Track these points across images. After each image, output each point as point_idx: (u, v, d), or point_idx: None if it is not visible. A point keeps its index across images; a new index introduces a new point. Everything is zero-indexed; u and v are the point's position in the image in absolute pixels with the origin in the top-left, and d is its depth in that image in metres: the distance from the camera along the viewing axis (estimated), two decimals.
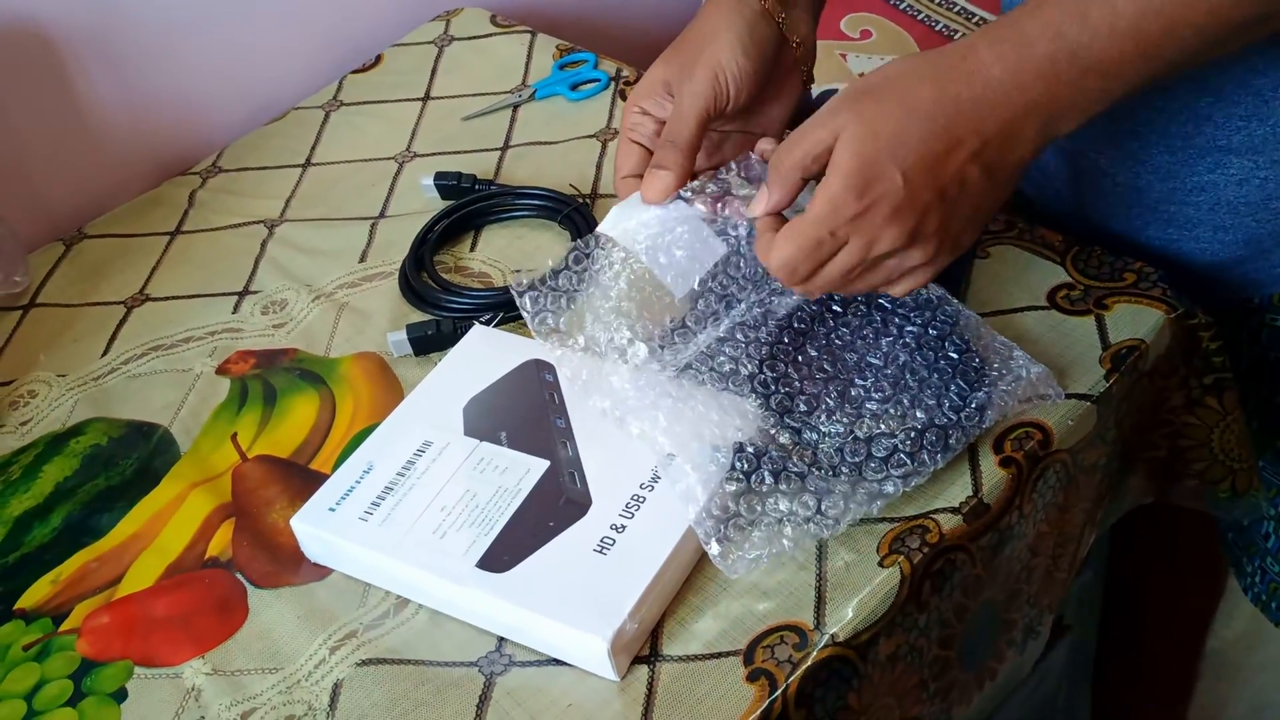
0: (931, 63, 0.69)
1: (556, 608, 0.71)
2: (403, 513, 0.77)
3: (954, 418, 0.76)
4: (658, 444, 0.75)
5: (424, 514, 0.77)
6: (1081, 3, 0.67)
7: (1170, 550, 1.19)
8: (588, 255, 0.79)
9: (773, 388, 0.78)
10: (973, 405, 0.76)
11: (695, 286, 0.79)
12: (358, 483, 0.79)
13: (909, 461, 0.74)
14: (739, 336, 0.81)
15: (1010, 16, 0.69)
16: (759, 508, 0.73)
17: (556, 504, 0.76)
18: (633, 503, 0.75)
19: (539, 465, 0.78)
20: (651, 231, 0.77)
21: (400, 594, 0.77)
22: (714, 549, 0.71)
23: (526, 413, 0.82)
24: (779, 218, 0.73)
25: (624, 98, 1.16)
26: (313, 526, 0.78)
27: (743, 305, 0.81)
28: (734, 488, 0.73)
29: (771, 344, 0.80)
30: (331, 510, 0.78)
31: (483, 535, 0.75)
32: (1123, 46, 0.67)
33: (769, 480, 0.74)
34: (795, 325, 0.82)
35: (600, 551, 0.73)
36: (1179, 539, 1.17)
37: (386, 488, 0.79)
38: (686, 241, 0.77)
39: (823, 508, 0.73)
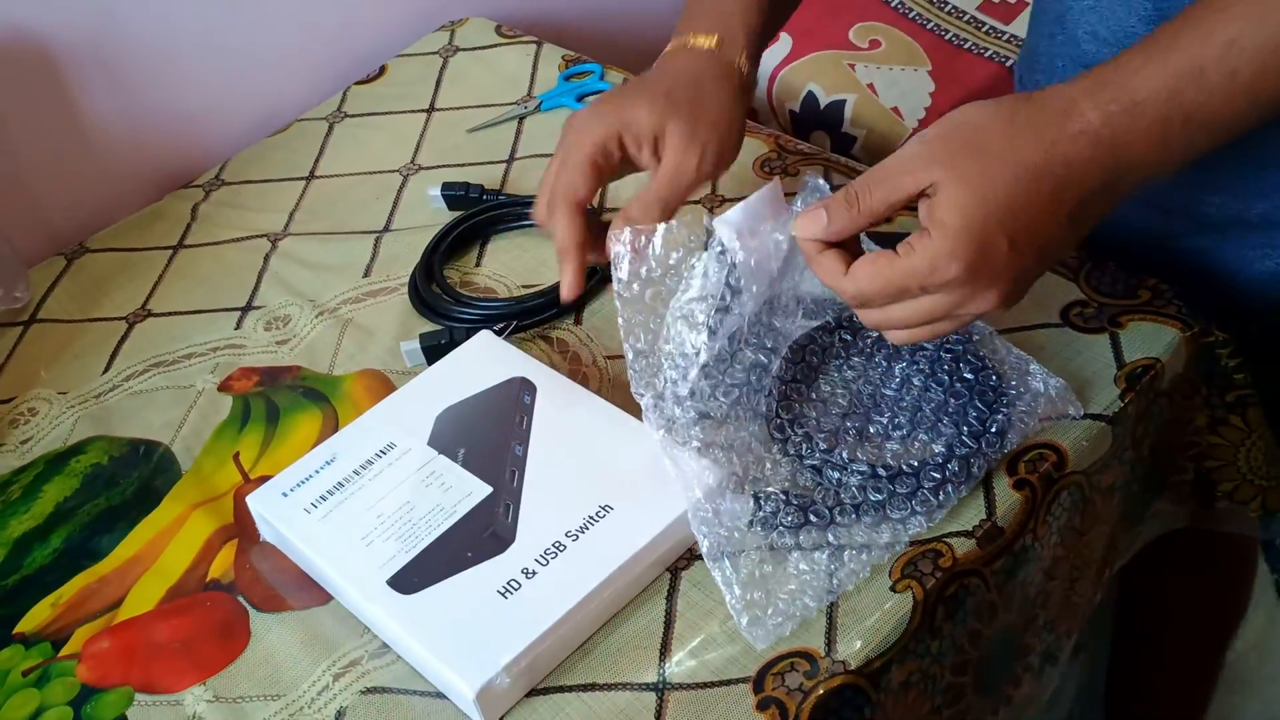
0: (1031, 115, 0.66)
1: (440, 643, 0.70)
2: (343, 513, 0.77)
3: (975, 445, 0.74)
4: (690, 488, 0.73)
5: (361, 518, 0.77)
6: (1196, 62, 0.65)
7: (1190, 563, 1.17)
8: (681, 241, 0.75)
9: (789, 430, 0.77)
10: (993, 430, 0.75)
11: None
12: (317, 472, 0.80)
13: (933, 498, 0.73)
14: (752, 378, 0.78)
15: (1115, 72, 0.66)
16: (783, 568, 0.72)
17: (481, 535, 0.75)
18: (552, 550, 0.73)
19: (481, 490, 0.77)
20: (759, 242, 0.72)
21: (328, 591, 0.78)
22: (743, 621, 0.70)
23: (491, 433, 0.81)
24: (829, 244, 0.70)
25: None
26: (263, 508, 0.79)
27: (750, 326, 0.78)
28: (756, 555, 0.72)
29: (786, 382, 0.79)
30: (284, 495, 0.79)
31: (403, 552, 0.74)
32: (1238, 104, 0.65)
33: (789, 539, 0.72)
34: (807, 359, 0.80)
35: (503, 594, 0.71)
36: (1200, 553, 1.15)
37: (339, 483, 0.79)
38: (784, 255, 0.73)
39: (845, 558, 0.72)
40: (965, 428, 0.75)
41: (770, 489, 0.74)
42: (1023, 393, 0.77)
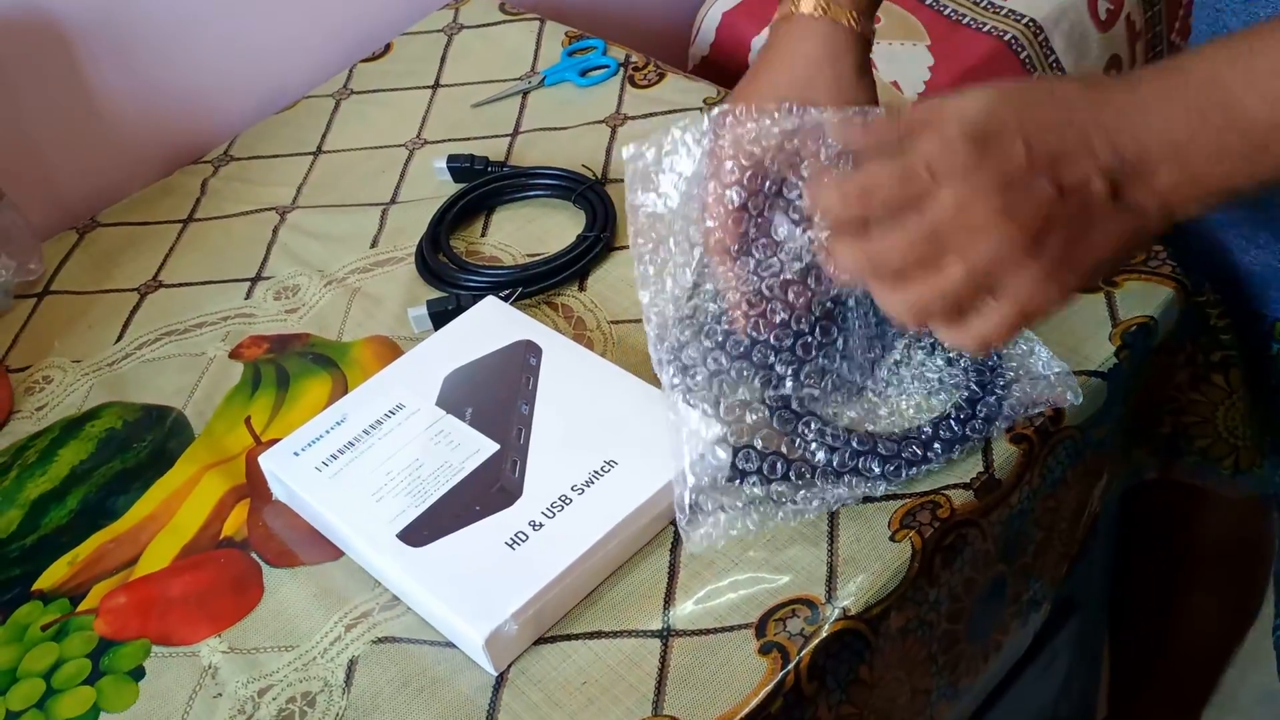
0: (1085, 73, 0.65)
1: (450, 592, 0.72)
2: (353, 470, 0.79)
3: (959, 431, 0.75)
4: (676, 412, 0.73)
5: (371, 475, 0.79)
6: (1250, 54, 0.60)
7: (1212, 543, 1.19)
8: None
9: (788, 381, 0.76)
10: (980, 415, 0.76)
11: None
12: (328, 432, 0.82)
13: (905, 470, 0.74)
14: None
15: (1178, 61, 0.63)
16: (736, 485, 0.73)
17: (489, 490, 0.77)
18: (559, 503, 0.75)
19: (489, 447, 0.79)
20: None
21: (339, 546, 0.79)
22: (683, 520, 0.71)
23: (497, 393, 0.83)
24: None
25: (633, 83, 1.16)
26: (275, 467, 0.81)
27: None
28: (714, 464, 0.73)
29: (805, 339, 0.76)
30: (296, 455, 0.81)
31: (412, 506, 0.76)
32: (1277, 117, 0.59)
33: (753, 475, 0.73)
34: (823, 315, 0.77)
35: (511, 546, 0.73)
36: (1221, 531, 1.16)
37: (349, 443, 0.81)
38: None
39: (798, 498, 0.73)
40: (954, 410, 0.76)
41: (749, 445, 0.74)
42: (1020, 376, 0.77)
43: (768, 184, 0.72)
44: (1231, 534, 1.17)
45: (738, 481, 0.73)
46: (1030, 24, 1.33)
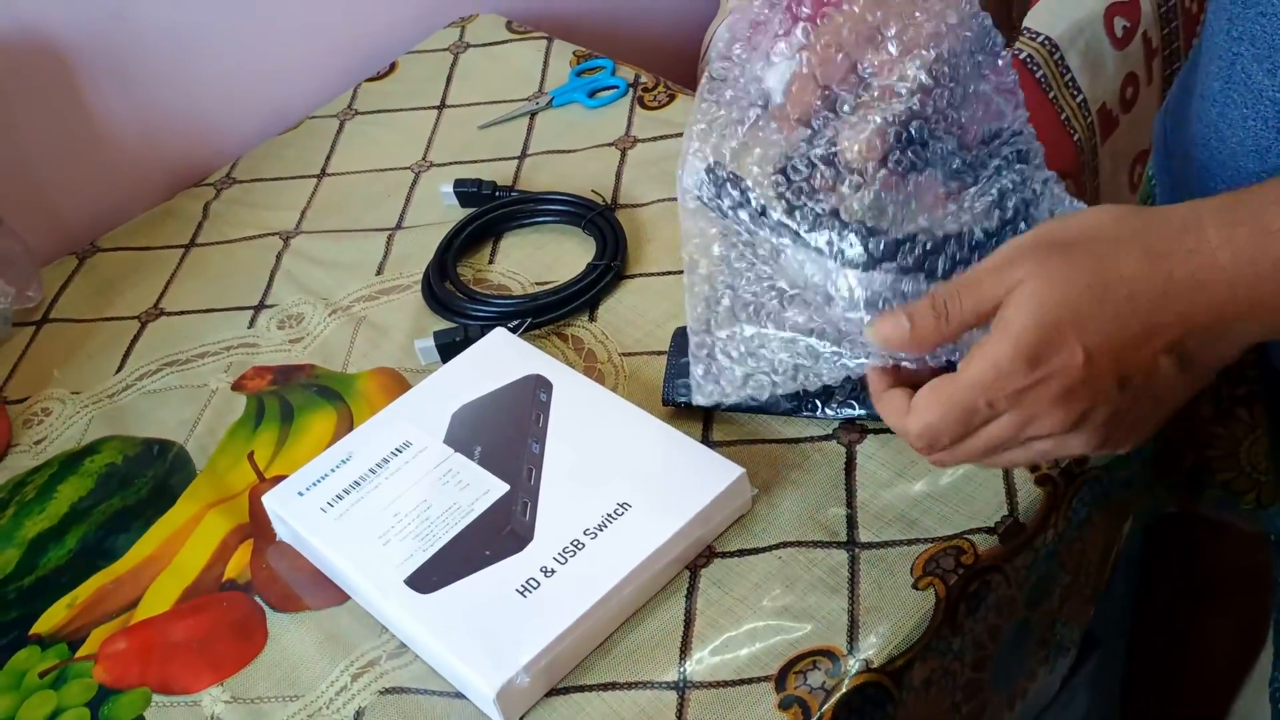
0: (1142, 224, 0.58)
1: (460, 642, 0.70)
2: (359, 512, 0.78)
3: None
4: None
5: (377, 517, 0.77)
6: None
7: (1227, 575, 1.17)
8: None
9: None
10: None
11: None
12: (333, 471, 0.80)
13: (940, 270, 0.63)
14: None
15: (1246, 199, 0.57)
16: (757, 343, 0.66)
17: (499, 533, 0.75)
18: (571, 548, 0.73)
19: (499, 488, 0.77)
20: None
21: (345, 590, 0.78)
22: (698, 370, 0.67)
23: (507, 430, 0.81)
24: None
25: (642, 104, 1.14)
26: (279, 507, 0.79)
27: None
28: (739, 316, 0.66)
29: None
30: (300, 495, 0.79)
31: (420, 551, 0.74)
32: None
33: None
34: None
35: (522, 593, 0.71)
36: (1235, 563, 1.15)
37: (354, 483, 0.79)
38: None
39: (821, 365, 0.65)
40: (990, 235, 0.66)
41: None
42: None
43: (840, 56, 0.66)
44: (1249, 563, 1.16)
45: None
46: (1046, 42, 1.31)
